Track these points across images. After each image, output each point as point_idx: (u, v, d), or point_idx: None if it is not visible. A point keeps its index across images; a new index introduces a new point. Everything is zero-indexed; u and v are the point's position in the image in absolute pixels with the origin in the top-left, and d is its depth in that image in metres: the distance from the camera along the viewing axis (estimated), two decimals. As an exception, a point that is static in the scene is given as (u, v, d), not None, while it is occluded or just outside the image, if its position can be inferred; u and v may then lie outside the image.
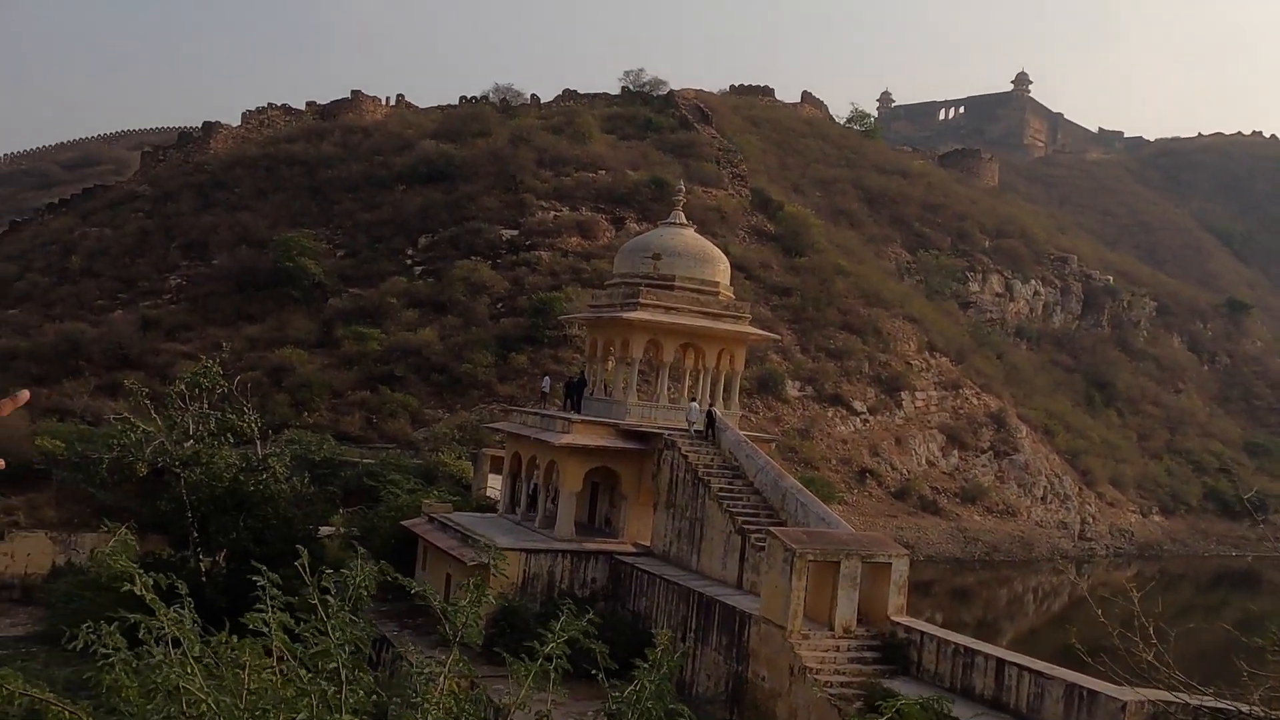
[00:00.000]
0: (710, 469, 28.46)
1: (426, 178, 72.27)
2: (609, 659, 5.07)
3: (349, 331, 56.74)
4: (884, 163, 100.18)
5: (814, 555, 21.59)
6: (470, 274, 61.45)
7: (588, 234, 67.35)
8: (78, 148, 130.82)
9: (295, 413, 49.81)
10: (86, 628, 4.51)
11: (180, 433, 36.09)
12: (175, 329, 59.55)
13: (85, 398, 50.63)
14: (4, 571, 39.94)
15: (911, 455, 63.80)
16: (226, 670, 4.10)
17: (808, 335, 66.53)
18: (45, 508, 42.36)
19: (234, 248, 65.53)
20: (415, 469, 43.67)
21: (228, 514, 32.37)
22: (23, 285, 66.42)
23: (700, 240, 34.57)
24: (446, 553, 29.38)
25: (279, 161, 77.65)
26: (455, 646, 3.91)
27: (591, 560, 29.16)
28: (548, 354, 56.14)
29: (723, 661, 23.64)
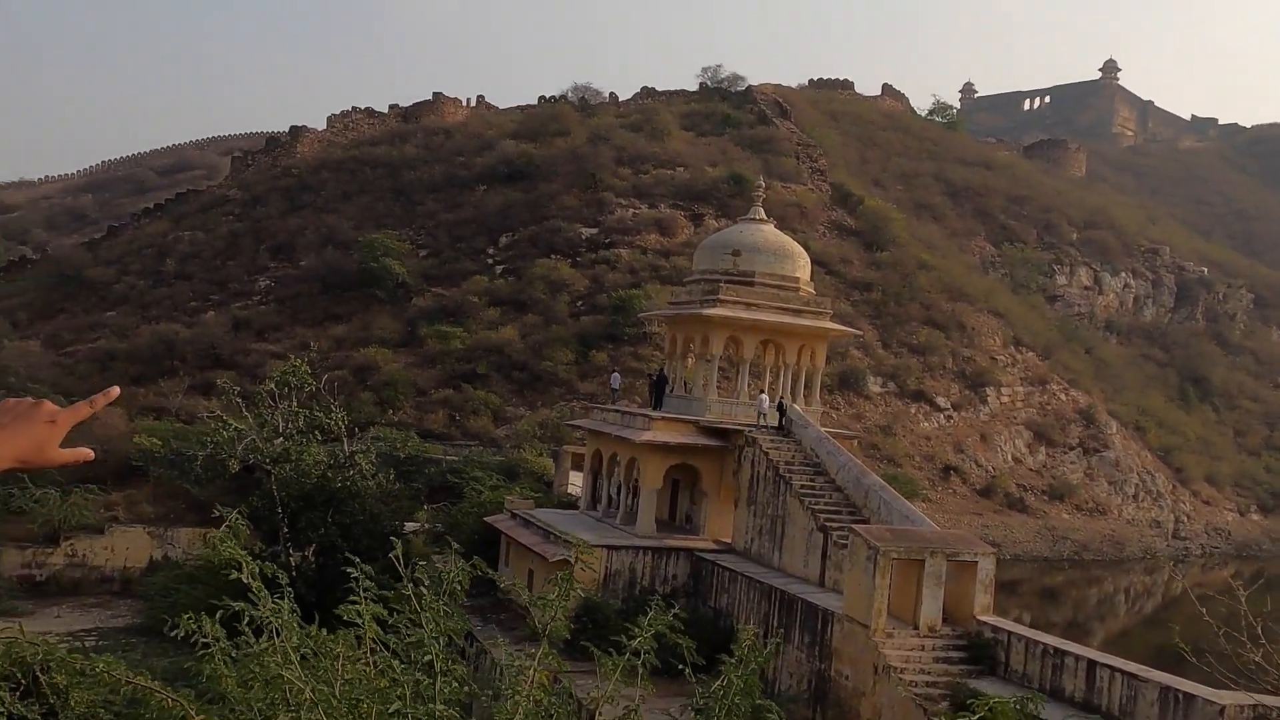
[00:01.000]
0: (791, 466, 28.28)
1: (507, 177, 72.98)
2: (682, 659, 5.08)
3: (432, 330, 57.54)
4: (967, 155, 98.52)
5: (898, 553, 21.33)
6: (550, 272, 61.90)
7: (666, 231, 67.38)
8: (171, 153, 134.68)
9: (380, 410, 50.68)
10: (188, 617, 4.66)
11: (270, 430, 36.97)
12: (265, 329, 60.98)
13: (180, 397, 52.11)
14: (104, 565, 41.32)
15: (997, 452, 62.67)
16: (322, 661, 4.20)
17: (889, 331, 65.74)
18: (143, 503, 43.71)
19: (320, 249, 66.88)
20: (497, 466, 44.14)
21: (316, 510, 33.08)
22: (120, 288, 68.58)
23: (780, 236, 34.37)
24: (529, 549, 29.63)
25: (363, 164, 79.09)
26: (545, 640, 3.95)
27: (672, 557, 29.17)
28: (627, 351, 56.30)
29: (805, 659, 23.48)
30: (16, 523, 40.57)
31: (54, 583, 39.99)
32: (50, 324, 65.40)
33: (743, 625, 22.12)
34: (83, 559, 40.95)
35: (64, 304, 68.55)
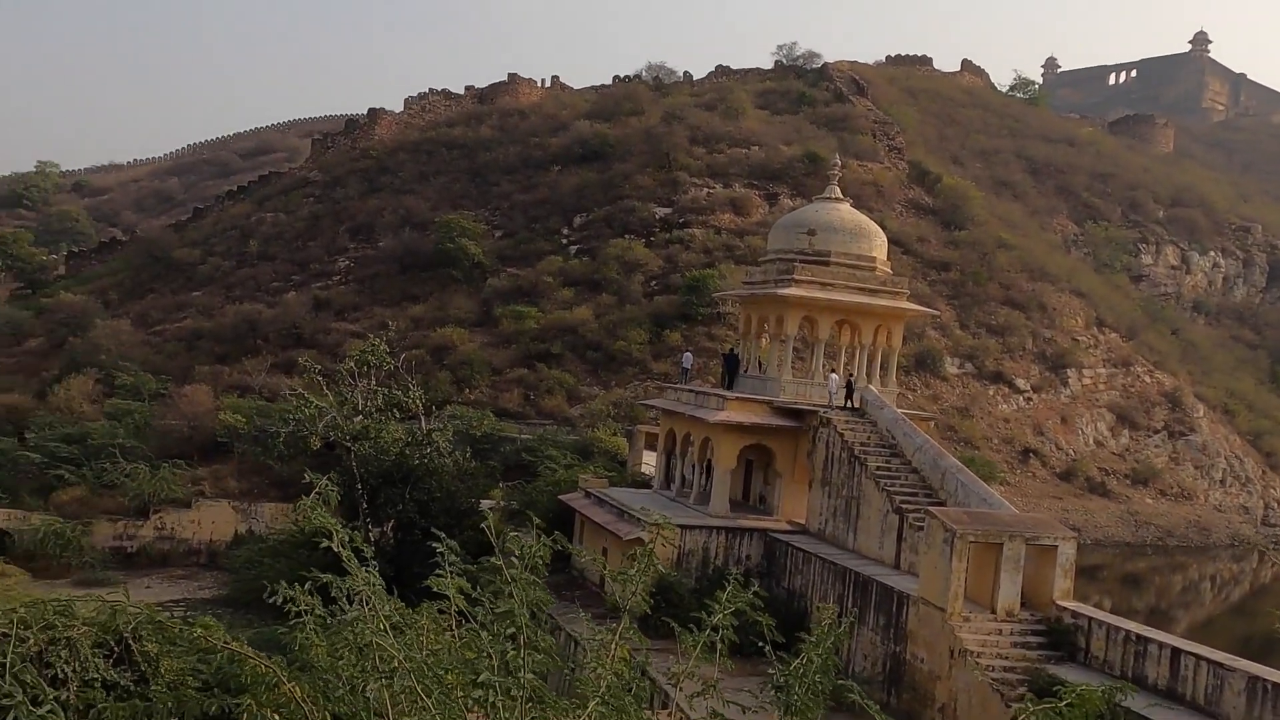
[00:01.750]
0: (867, 447, 28.06)
1: (581, 158, 73.16)
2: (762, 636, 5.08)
3: (507, 310, 58.04)
4: (1049, 131, 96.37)
5: (975, 536, 21.07)
6: (624, 252, 61.99)
7: (741, 211, 67.03)
8: (253, 137, 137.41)
9: (457, 389, 51.31)
10: (283, 586, 4.79)
11: (350, 408, 37.72)
12: (344, 309, 62.05)
13: (263, 375, 53.29)
14: (191, 538, 42.56)
15: (1078, 435, 61.46)
16: (409, 632, 4.30)
17: (968, 311, 64.72)
18: (228, 478, 44.88)
19: (398, 230, 67.78)
20: (571, 445, 44.49)
21: (395, 486, 33.67)
22: (206, 269, 70.28)
23: (856, 215, 34.00)
24: (603, 527, 29.84)
25: (440, 145, 79.89)
26: (626, 614, 4.00)
27: (746, 537, 29.15)
28: (701, 331, 56.23)
29: (879, 642, 23.35)
30: (109, 496, 41.96)
31: (144, 554, 41.30)
32: (140, 303, 67.30)
33: (819, 605, 22.11)
34: (171, 532, 42.20)
35: (153, 284, 70.48)
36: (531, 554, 4.16)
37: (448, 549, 4.56)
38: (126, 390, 51.22)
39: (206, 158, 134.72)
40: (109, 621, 17.60)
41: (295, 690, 4.53)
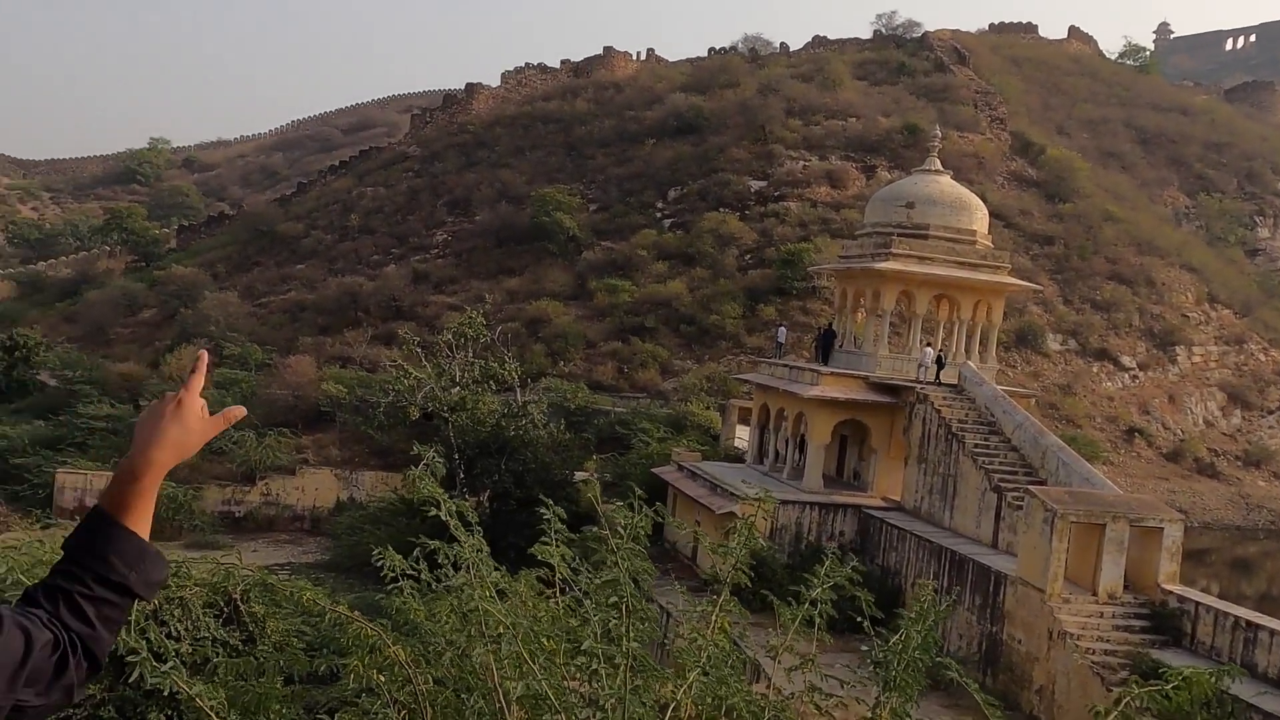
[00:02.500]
0: (965, 424, 27.62)
1: (676, 131, 72.88)
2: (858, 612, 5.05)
3: (601, 284, 58.30)
4: (1161, 99, 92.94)
5: (1076, 516, 20.63)
6: (719, 226, 61.71)
7: (837, 184, 66.16)
8: (354, 112, 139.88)
9: (551, 362, 51.79)
10: (389, 551, 4.91)
11: (448, 379, 38.41)
12: (442, 282, 63.00)
13: (364, 346, 54.47)
14: (295, 504, 43.82)
15: (1187, 414, 59.51)
16: (511, 599, 4.38)
17: (1071, 286, 63.00)
18: (330, 447, 46.04)
19: (494, 204, 68.47)
20: (665, 418, 44.60)
21: (490, 457, 34.22)
22: (309, 242, 71.95)
23: (956, 187, 33.34)
24: (696, 500, 29.94)
25: (535, 119, 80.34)
26: (726, 586, 4.02)
27: (840, 513, 28.99)
28: (796, 305, 55.77)
29: (975, 622, 23.04)
30: (218, 462, 43.40)
31: (250, 519, 42.68)
32: (246, 276, 69.25)
33: (919, 582, 21.92)
34: (276, 498, 43.51)
35: (258, 257, 72.43)
36: (634, 524, 4.19)
37: (554, 515, 4.63)
38: (234, 360, 52.86)
39: (309, 133, 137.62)
40: (219, 583, 18.28)
41: (399, 653, 4.66)
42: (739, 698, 3.72)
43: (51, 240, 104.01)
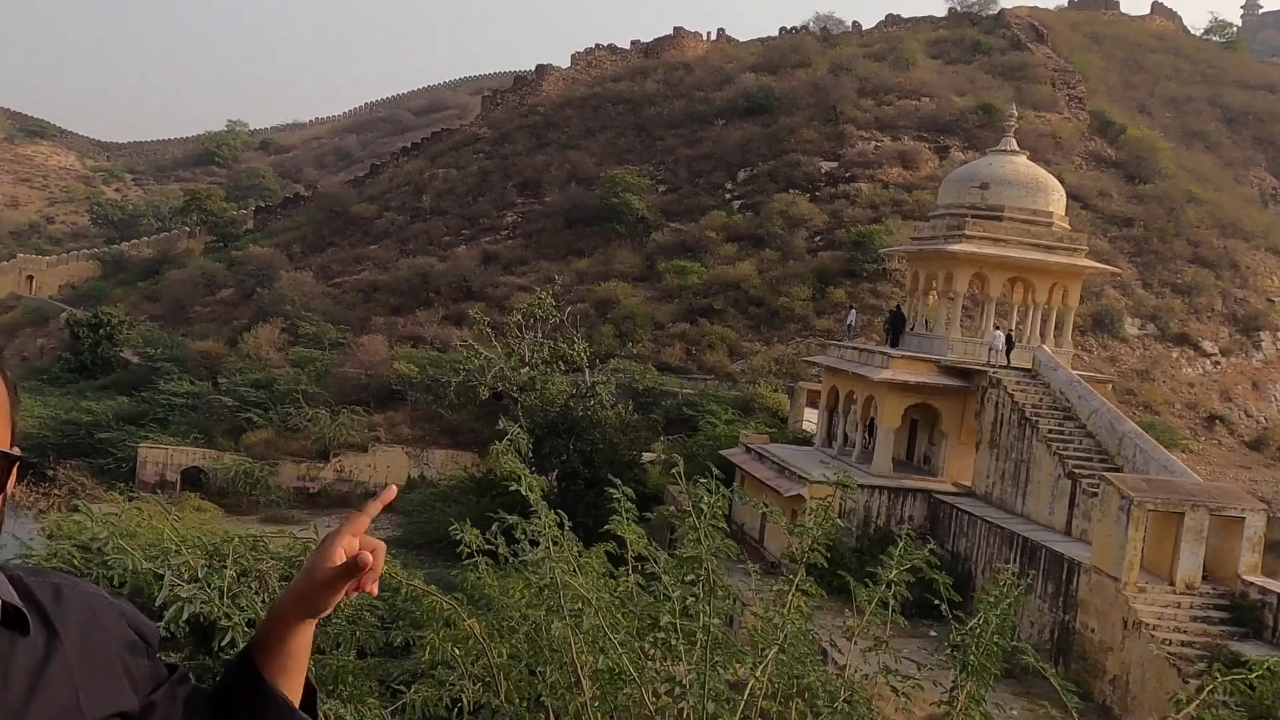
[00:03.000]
0: (1039, 409, 27.17)
1: (746, 111, 72.40)
2: (931, 596, 5.02)
3: (670, 265, 58.24)
4: (1248, 77, 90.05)
5: (1154, 505, 20.21)
6: (788, 207, 61.24)
7: (910, 164, 65.24)
8: (426, 94, 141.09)
9: (619, 343, 51.92)
10: (465, 526, 4.99)
11: (517, 360, 38.77)
12: (511, 263, 63.42)
13: (435, 326, 55.09)
14: (368, 481, 44.55)
15: (1271, 401, 57.82)
16: (589, 574, 4.42)
17: (1151, 269, 61.48)
18: (402, 425, 46.70)
19: (564, 186, 68.68)
20: (732, 400, 44.51)
21: (559, 437, 34.46)
22: (382, 223, 72.88)
23: (1032, 168, 32.70)
24: (763, 483, 29.86)
25: (605, 100, 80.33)
26: (802, 566, 4.01)
27: (909, 497, 28.72)
28: (866, 288, 55.21)
29: (1047, 610, 22.71)
30: (293, 439, 44.31)
31: (324, 495, 43.50)
32: (320, 256, 70.38)
33: (997, 566, 21.71)
34: (349, 474, 44.28)
35: (332, 238, 73.55)
36: (713, 502, 4.21)
37: (622, 495, 4.66)
38: (309, 339, 53.81)
39: (382, 115, 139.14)
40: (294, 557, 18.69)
41: (474, 626, 4.73)
42: (815, 677, 3.72)
43: (134, 221, 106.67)
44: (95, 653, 1.56)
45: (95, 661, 1.55)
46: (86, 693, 1.52)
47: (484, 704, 4.66)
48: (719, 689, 3.49)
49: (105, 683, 1.56)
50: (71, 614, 1.56)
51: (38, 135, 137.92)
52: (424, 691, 4.77)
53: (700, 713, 3.27)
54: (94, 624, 1.59)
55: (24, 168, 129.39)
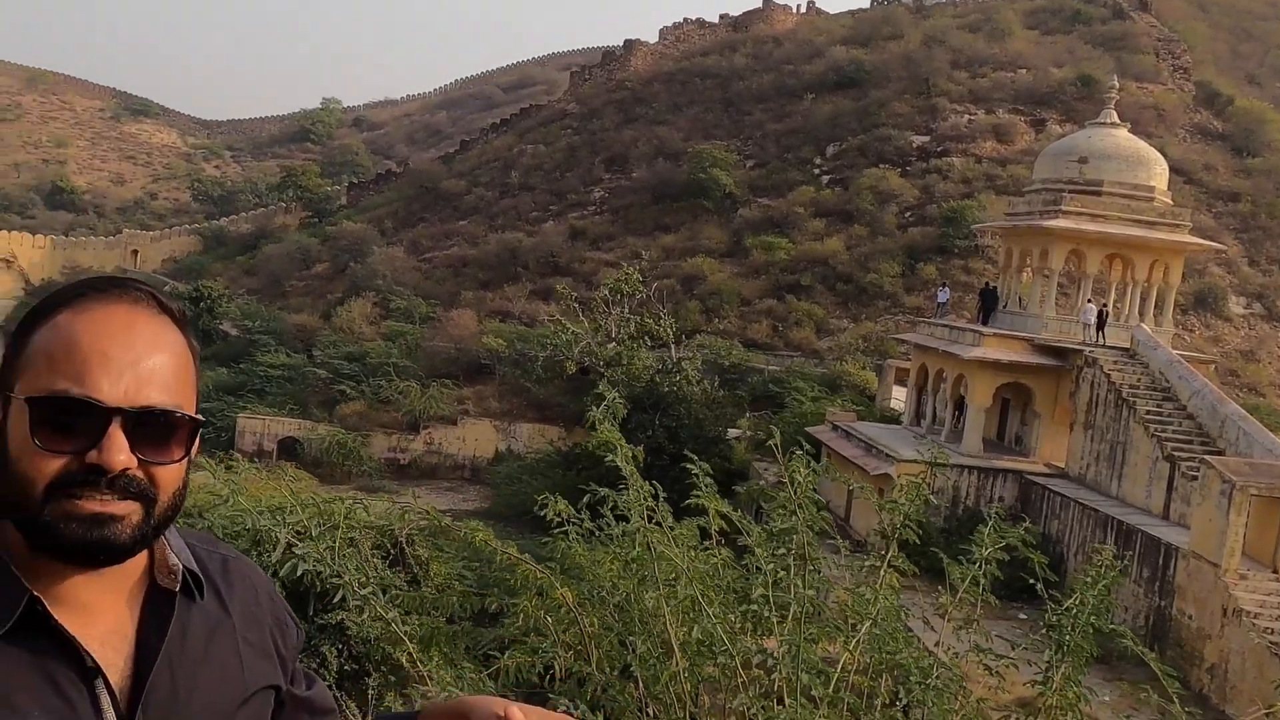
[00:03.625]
0: (1136, 389, 26.48)
1: (835, 85, 71.44)
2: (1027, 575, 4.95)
3: (757, 241, 57.91)
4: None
5: (1257, 489, 19.59)
6: (878, 182, 60.38)
7: (1004, 138, 63.77)
8: (515, 71, 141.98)
9: (705, 319, 51.86)
10: (554, 498, 5.07)
11: (603, 335, 38.99)
12: (599, 239, 63.66)
13: (523, 301, 55.63)
14: (456, 453, 45.30)
15: (1384, 385, 55.49)
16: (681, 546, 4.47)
17: (1258, 245, 59.28)
18: (490, 398, 47.33)
19: (651, 161, 68.61)
20: (819, 377, 44.18)
21: (645, 412, 34.60)
22: (471, 199, 73.69)
23: (1133, 141, 31.74)
24: (850, 461, 29.63)
25: (693, 75, 79.94)
26: (893, 541, 4.00)
27: (999, 478, 28.26)
28: (957, 264, 54.24)
29: (1142, 595, 22.20)
30: (384, 411, 45.21)
31: (414, 466, 44.34)
32: (411, 231, 71.46)
33: (1092, 548, 21.32)
34: (439, 446, 45.05)
35: (423, 213, 74.61)
36: (806, 474, 4.22)
37: (700, 470, 4.69)
38: (400, 313, 54.77)
39: (472, 92, 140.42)
40: (386, 526, 19.06)
41: (566, 595, 4.81)
42: (907, 653, 3.72)
43: (233, 197, 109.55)
44: (254, 626, 1.64)
45: (254, 634, 1.63)
46: (247, 662, 1.61)
47: (575, 672, 4.75)
48: (813, 660, 3.50)
49: (261, 657, 1.64)
50: (236, 586, 1.64)
51: (142, 114, 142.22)
52: (517, 657, 4.87)
53: (794, 684, 3.29)
54: (255, 600, 1.67)
55: (129, 145, 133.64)
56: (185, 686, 1.50)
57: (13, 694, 1.36)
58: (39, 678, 1.38)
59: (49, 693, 1.38)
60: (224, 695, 1.55)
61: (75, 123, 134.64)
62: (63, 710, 1.38)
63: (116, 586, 1.50)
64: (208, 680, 1.54)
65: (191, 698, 1.50)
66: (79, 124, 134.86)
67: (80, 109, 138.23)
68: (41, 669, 1.39)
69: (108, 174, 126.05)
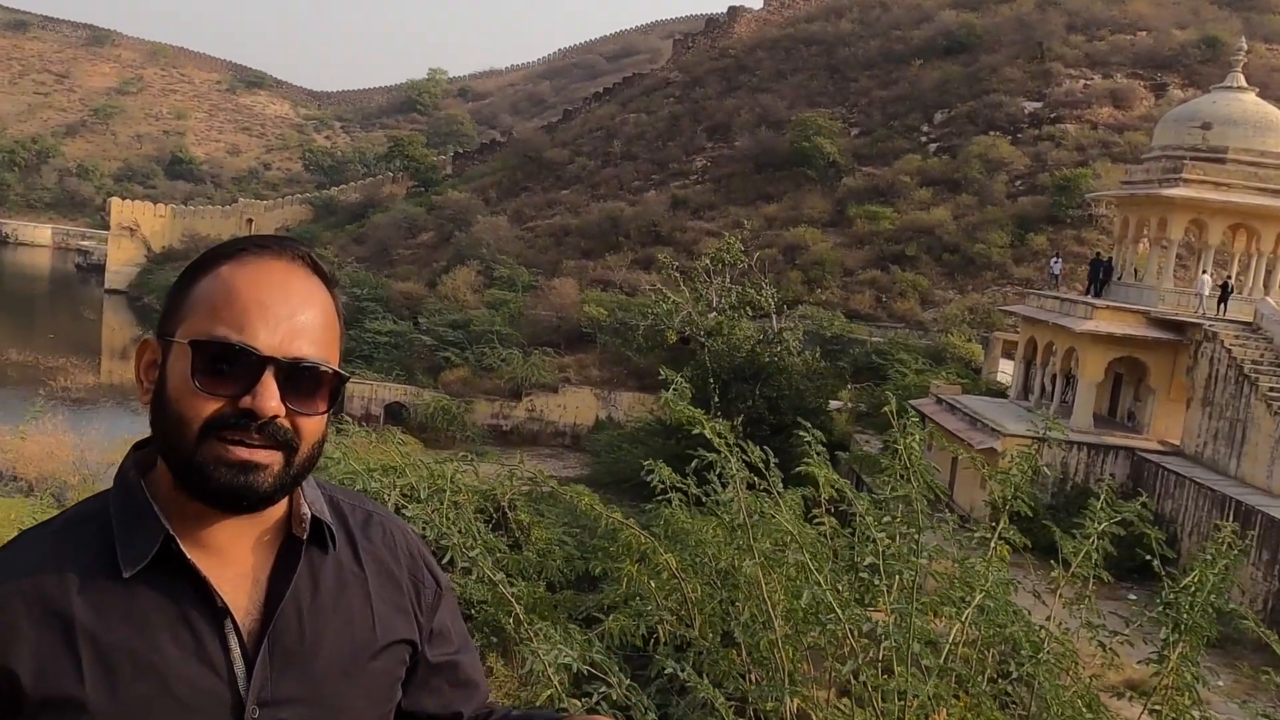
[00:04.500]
0: (1259, 365, 25.45)
1: (945, 50, 69.73)
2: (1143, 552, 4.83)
3: (861, 211, 57.05)
4: None
5: (1389, 471, 18.71)
6: (988, 150, 58.87)
7: (1121, 103, 61.54)
8: (618, 40, 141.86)
9: (807, 290, 51.36)
10: (658, 465, 5.10)
11: (704, 304, 38.91)
12: (700, 208, 63.44)
13: (624, 270, 55.78)
14: (557, 420, 45.79)
15: None
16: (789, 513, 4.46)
17: (1395, 216, 56.30)
18: (590, 367, 47.68)
19: (754, 129, 67.99)
20: (923, 349, 43.47)
21: (745, 382, 34.48)
22: (573, 169, 74.04)
23: (1262, 106, 30.31)
24: (954, 435, 29.11)
25: (798, 42, 78.84)
26: (1005, 513, 3.93)
27: (1110, 455, 27.49)
28: (1069, 235, 52.68)
29: (1261, 579, 21.44)
30: (487, 378, 45.90)
31: (516, 433, 44.96)
32: (515, 201, 72.16)
33: (1217, 524, 20.72)
34: (540, 414, 45.59)
35: (526, 183, 75.23)
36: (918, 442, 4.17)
37: (813, 438, 4.66)
38: (503, 282, 55.44)
39: (575, 61, 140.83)
40: (489, 490, 19.37)
41: (669, 560, 4.84)
42: (1017, 627, 3.66)
43: (342, 167, 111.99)
44: (389, 581, 1.68)
45: (389, 589, 1.68)
46: (380, 615, 1.65)
47: (678, 636, 4.79)
48: (923, 631, 3.47)
49: (396, 612, 1.67)
50: (375, 541, 1.69)
51: (256, 86, 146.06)
52: (621, 621, 4.94)
53: (903, 653, 3.27)
54: (393, 555, 1.71)
55: (244, 117, 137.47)
56: (313, 633, 1.55)
57: (148, 627, 1.43)
58: (172, 614, 1.46)
59: (181, 628, 1.45)
60: (354, 646, 1.59)
61: (194, 95, 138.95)
62: (193, 646, 1.45)
63: (251, 532, 1.57)
64: (336, 629, 1.58)
65: (319, 645, 1.55)
66: (197, 96, 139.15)
67: (198, 82, 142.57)
68: (174, 605, 1.46)
69: (224, 145, 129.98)
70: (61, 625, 1.40)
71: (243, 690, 1.47)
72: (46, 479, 25.23)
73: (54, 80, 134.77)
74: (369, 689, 1.60)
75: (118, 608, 1.43)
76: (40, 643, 1.38)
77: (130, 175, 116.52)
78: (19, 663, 1.37)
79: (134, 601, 1.44)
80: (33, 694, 1.37)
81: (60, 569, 1.43)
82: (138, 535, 1.47)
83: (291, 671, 1.52)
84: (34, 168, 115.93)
